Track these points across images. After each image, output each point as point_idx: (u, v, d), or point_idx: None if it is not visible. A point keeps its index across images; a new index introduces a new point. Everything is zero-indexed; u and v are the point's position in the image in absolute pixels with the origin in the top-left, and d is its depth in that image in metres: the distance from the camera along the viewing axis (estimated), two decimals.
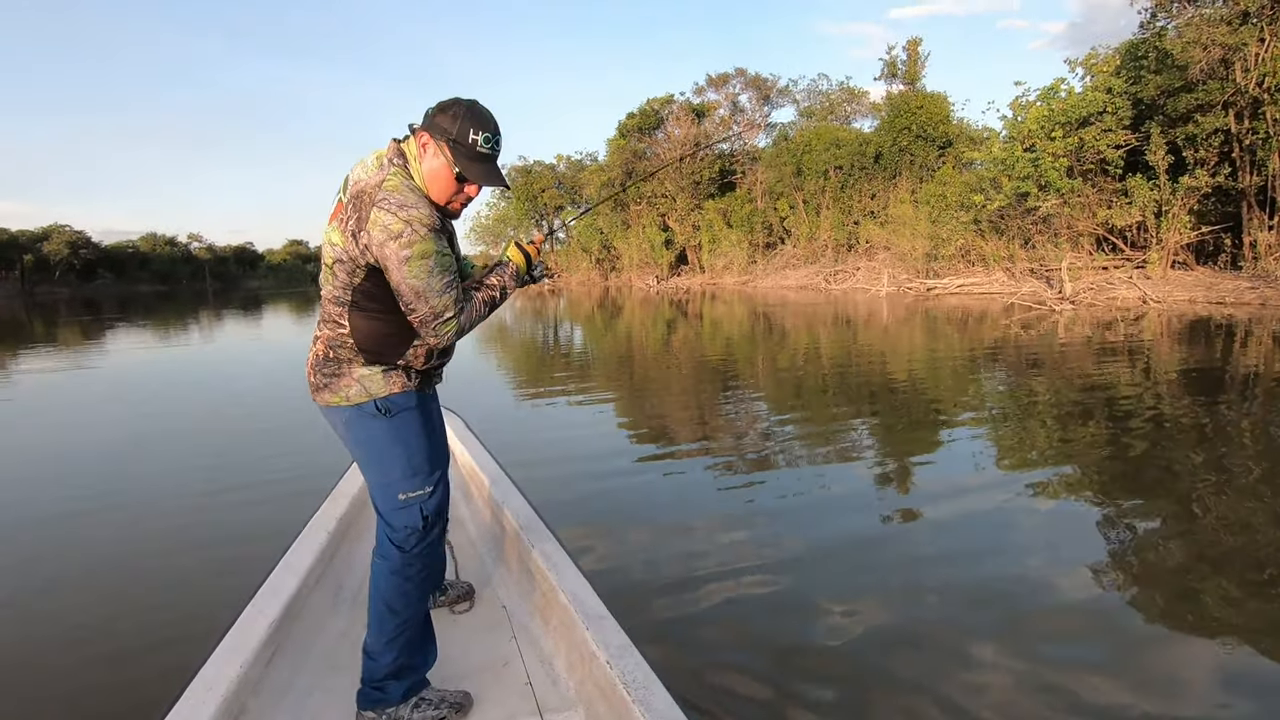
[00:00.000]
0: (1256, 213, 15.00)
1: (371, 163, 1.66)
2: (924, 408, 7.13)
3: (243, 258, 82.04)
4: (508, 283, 1.85)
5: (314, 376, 1.77)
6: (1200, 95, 14.90)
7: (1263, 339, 10.17)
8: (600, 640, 1.79)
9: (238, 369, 11.90)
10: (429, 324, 1.65)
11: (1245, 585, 3.16)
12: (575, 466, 5.39)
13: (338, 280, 1.66)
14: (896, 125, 26.65)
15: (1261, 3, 13.53)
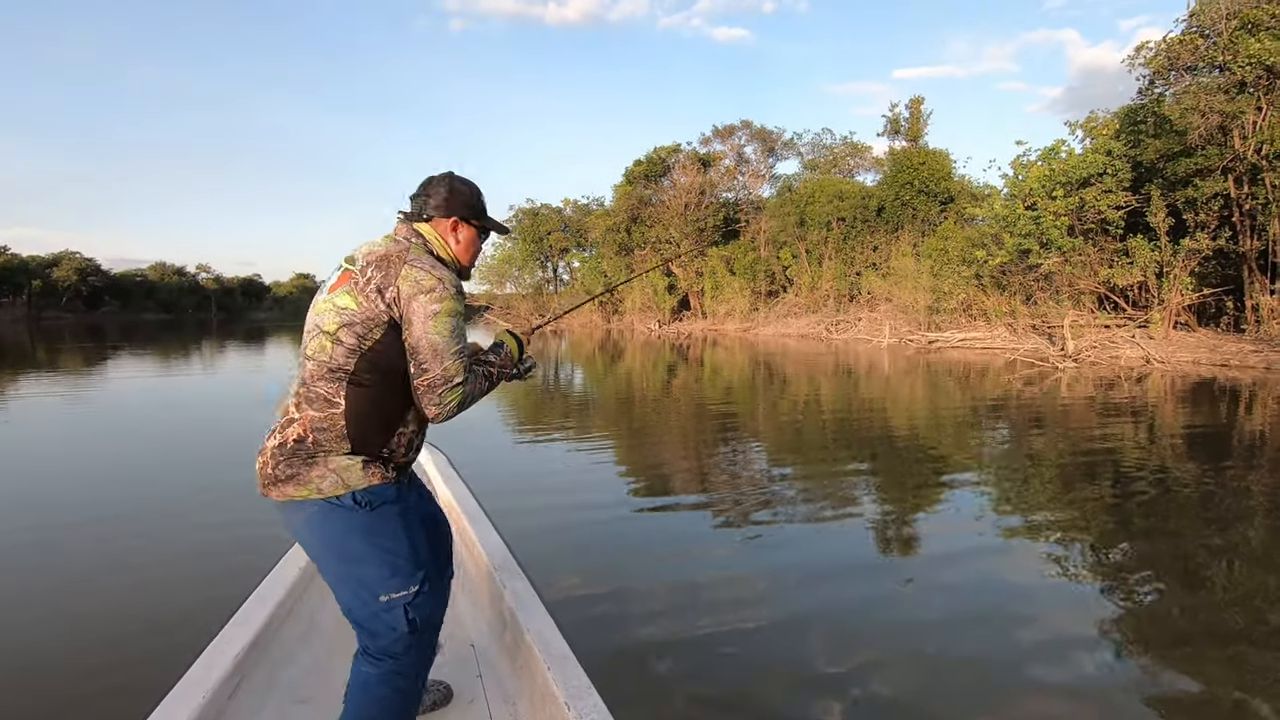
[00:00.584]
0: (1258, 276, 15.06)
1: (382, 242, 1.71)
2: (925, 463, 7.04)
3: (249, 289, 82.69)
4: (503, 362, 1.86)
5: (275, 467, 1.62)
6: (1199, 160, 15.12)
7: (1267, 402, 10.07)
8: (561, 680, 1.81)
9: (226, 398, 11.94)
10: (437, 388, 1.59)
11: (1246, 662, 3.07)
12: (566, 509, 5.33)
13: (341, 348, 1.59)
14: (899, 180, 27.06)
15: (1258, 73, 13.83)
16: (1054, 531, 4.82)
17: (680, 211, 34.35)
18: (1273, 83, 13.93)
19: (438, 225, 1.76)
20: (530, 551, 3.00)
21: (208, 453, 7.50)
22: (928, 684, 2.89)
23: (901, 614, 3.55)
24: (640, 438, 8.57)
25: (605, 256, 37.58)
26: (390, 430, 1.67)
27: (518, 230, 43.63)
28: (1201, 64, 15.16)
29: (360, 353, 1.59)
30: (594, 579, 3.93)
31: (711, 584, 3.88)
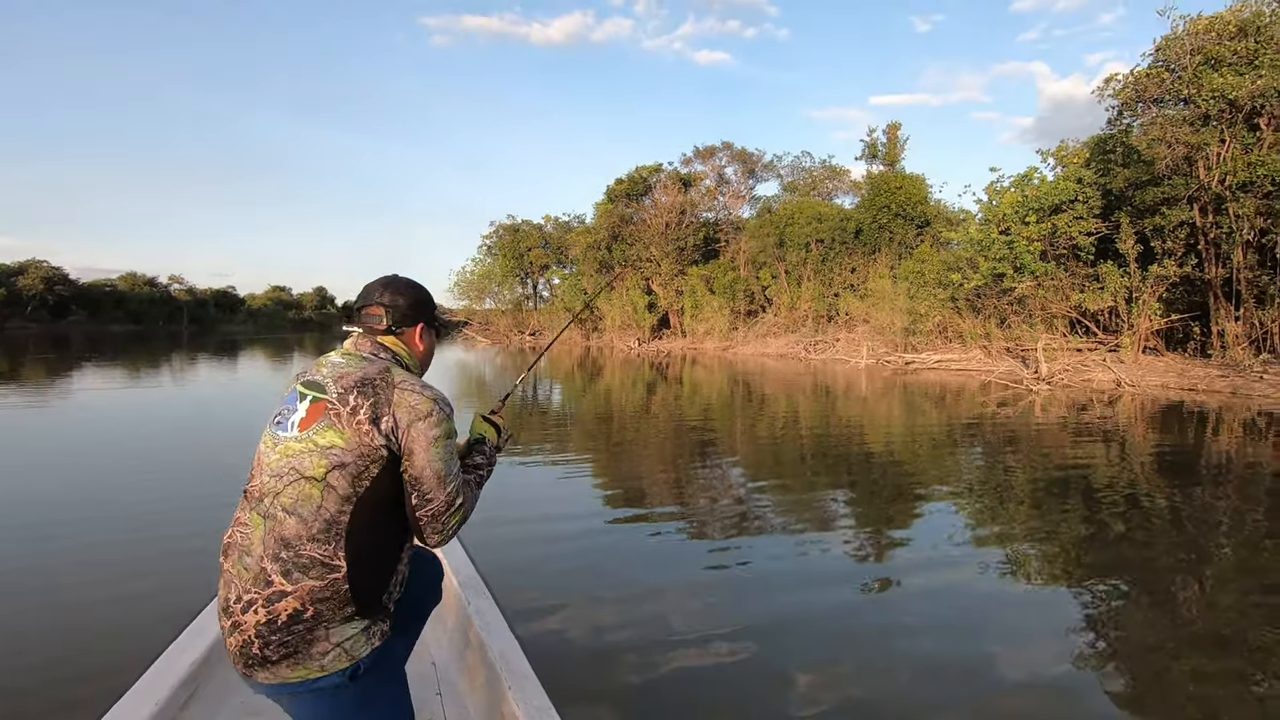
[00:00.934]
0: (1223, 303, 15.44)
1: (344, 361, 1.58)
2: (901, 483, 7.08)
3: (223, 301, 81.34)
4: (490, 459, 1.82)
5: (265, 648, 1.40)
6: (1166, 189, 15.53)
7: (1233, 426, 10.27)
8: (521, 700, 1.79)
9: (198, 408, 11.58)
10: (440, 516, 1.51)
11: (1211, 675, 3.15)
12: (538, 527, 5.31)
13: (334, 495, 1.42)
14: (877, 203, 27.48)
15: (1221, 106, 14.28)
16: (1027, 551, 4.85)
17: (661, 230, 34.54)
18: (1235, 116, 14.39)
19: (405, 335, 1.68)
20: (499, 569, 3.04)
21: (170, 464, 7.32)
22: (901, 701, 2.89)
23: (875, 632, 3.56)
24: (617, 456, 8.51)
25: (586, 274, 37.59)
26: (390, 573, 1.53)
27: (497, 246, 43.55)
28: (1167, 96, 15.63)
29: (357, 498, 1.43)
30: (562, 598, 3.89)
31: (683, 605, 3.85)
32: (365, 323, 1.67)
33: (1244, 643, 3.48)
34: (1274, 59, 13.88)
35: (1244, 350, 15.06)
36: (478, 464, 1.76)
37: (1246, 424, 10.39)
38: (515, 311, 44.26)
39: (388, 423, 1.46)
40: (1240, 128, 14.47)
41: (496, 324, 44.11)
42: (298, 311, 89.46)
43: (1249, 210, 14.36)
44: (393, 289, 1.69)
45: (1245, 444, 8.95)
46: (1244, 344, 15.15)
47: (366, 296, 1.69)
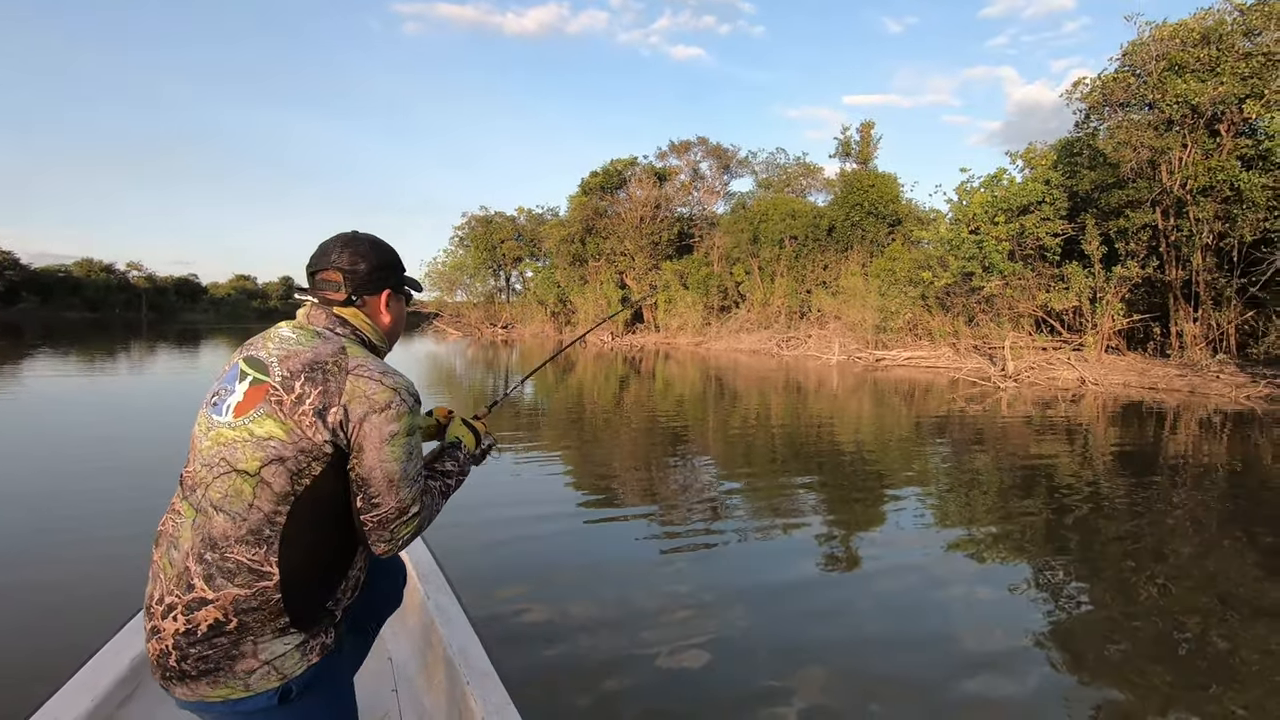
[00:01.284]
0: (1182, 305, 15.83)
1: (295, 336, 1.36)
2: (870, 478, 7.16)
3: (184, 289, 79.20)
4: (463, 467, 1.58)
5: (183, 660, 1.24)
6: (1130, 192, 15.87)
7: (1190, 424, 10.54)
8: (480, 696, 1.75)
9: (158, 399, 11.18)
10: (388, 524, 1.31)
11: (1165, 667, 3.25)
12: (503, 521, 5.27)
13: (268, 493, 1.24)
14: (849, 201, 27.68)
15: (1184, 111, 14.62)
16: (992, 545, 4.96)
17: (635, 224, 34.41)
18: (1196, 121, 14.74)
19: (368, 305, 1.45)
20: (461, 563, 3.00)
21: (123, 454, 7.07)
22: (866, 695, 2.94)
23: (842, 626, 3.61)
24: (588, 450, 8.46)
25: (559, 267, 37.31)
26: (336, 580, 1.35)
27: (470, 237, 42.99)
28: (1133, 101, 15.96)
29: (295, 497, 1.25)
30: (526, 593, 3.86)
31: (647, 599, 3.85)
32: (320, 290, 1.43)
33: (1192, 628, 3.62)
34: (1234, 67, 14.24)
35: (1201, 350, 15.47)
36: (446, 470, 1.52)
37: (1203, 422, 10.66)
38: (487, 304, 43.76)
39: (336, 415, 1.26)
40: (1201, 133, 14.83)
41: (468, 316, 43.57)
42: (263, 301, 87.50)
43: (1208, 214, 14.73)
44: (352, 249, 1.43)
45: (1201, 442, 9.20)
46: (1201, 344, 15.57)
47: (321, 258, 1.43)
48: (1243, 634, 3.57)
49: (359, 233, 1.48)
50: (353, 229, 1.50)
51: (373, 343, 1.44)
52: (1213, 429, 10.11)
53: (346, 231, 1.48)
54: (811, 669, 3.13)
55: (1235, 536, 5.27)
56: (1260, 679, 3.14)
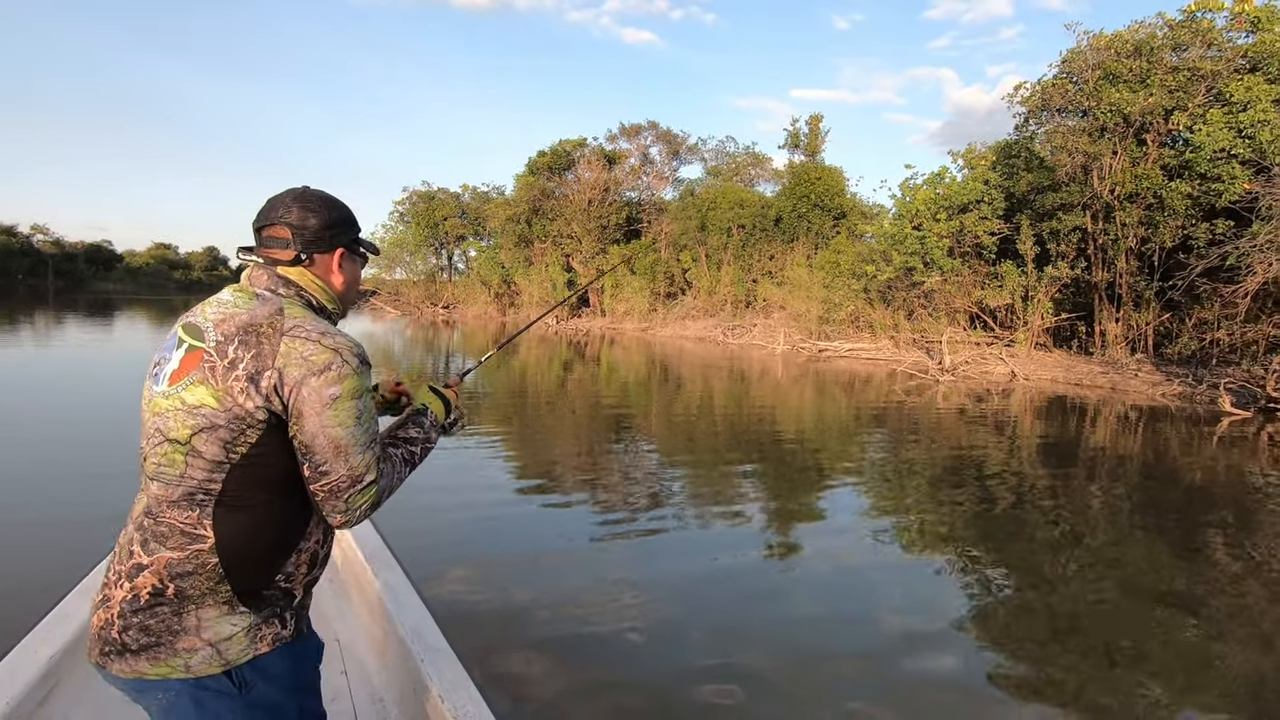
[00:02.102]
0: (1106, 305, 16.62)
1: (234, 300, 1.27)
2: (809, 465, 7.35)
3: (96, 256, 74.08)
4: (429, 434, 1.47)
5: (124, 631, 1.17)
6: (1063, 195, 16.50)
7: (1110, 419, 11.10)
8: (435, 674, 1.73)
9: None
10: (341, 494, 1.21)
11: (1077, 648, 3.43)
12: (448, 505, 5.20)
13: (200, 462, 1.17)
14: (797, 192, 27.99)
15: (1116, 120, 15.25)
16: (921, 531, 5.21)
17: (583, 207, 33.96)
18: (1127, 130, 15.41)
19: (318, 265, 1.34)
20: (407, 546, 2.88)
21: (34, 432, 6.57)
22: (800, 671, 3.07)
23: (777, 608, 3.75)
24: (530, 433, 8.39)
25: (504, 247, 36.55)
26: (287, 551, 1.26)
27: (410, 213, 41.63)
28: (1070, 107, 16.57)
29: (230, 465, 1.18)
30: (472, 573, 3.91)
31: (594, 574, 4.00)
32: (267, 248, 1.32)
33: (1104, 611, 3.87)
34: (1163, 79, 14.92)
35: (1121, 349, 16.29)
36: (409, 438, 1.41)
37: (1122, 417, 11.24)
38: (428, 283, 42.53)
39: (270, 379, 1.17)
40: (1130, 142, 15.51)
41: (407, 295, 42.27)
42: (185, 272, 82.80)
43: (1133, 219, 15.46)
44: (303, 204, 1.32)
45: (1119, 436, 9.76)
46: (1122, 344, 16.39)
47: (269, 213, 1.32)
48: (1148, 617, 3.82)
49: (310, 188, 1.37)
50: (305, 185, 1.39)
51: (322, 304, 1.34)
52: (1130, 424, 10.65)
53: (297, 186, 1.36)
54: (748, 647, 3.24)
55: (1146, 525, 5.66)
56: (1161, 660, 3.36)
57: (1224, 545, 5.16)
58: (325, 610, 2.44)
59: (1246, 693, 3.12)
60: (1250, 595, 4.23)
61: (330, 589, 2.58)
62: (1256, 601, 4.13)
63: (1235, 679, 3.25)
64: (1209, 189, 14.00)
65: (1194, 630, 3.70)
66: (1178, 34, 15.36)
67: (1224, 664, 3.38)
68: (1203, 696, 3.07)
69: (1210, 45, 15.02)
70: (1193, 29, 15.15)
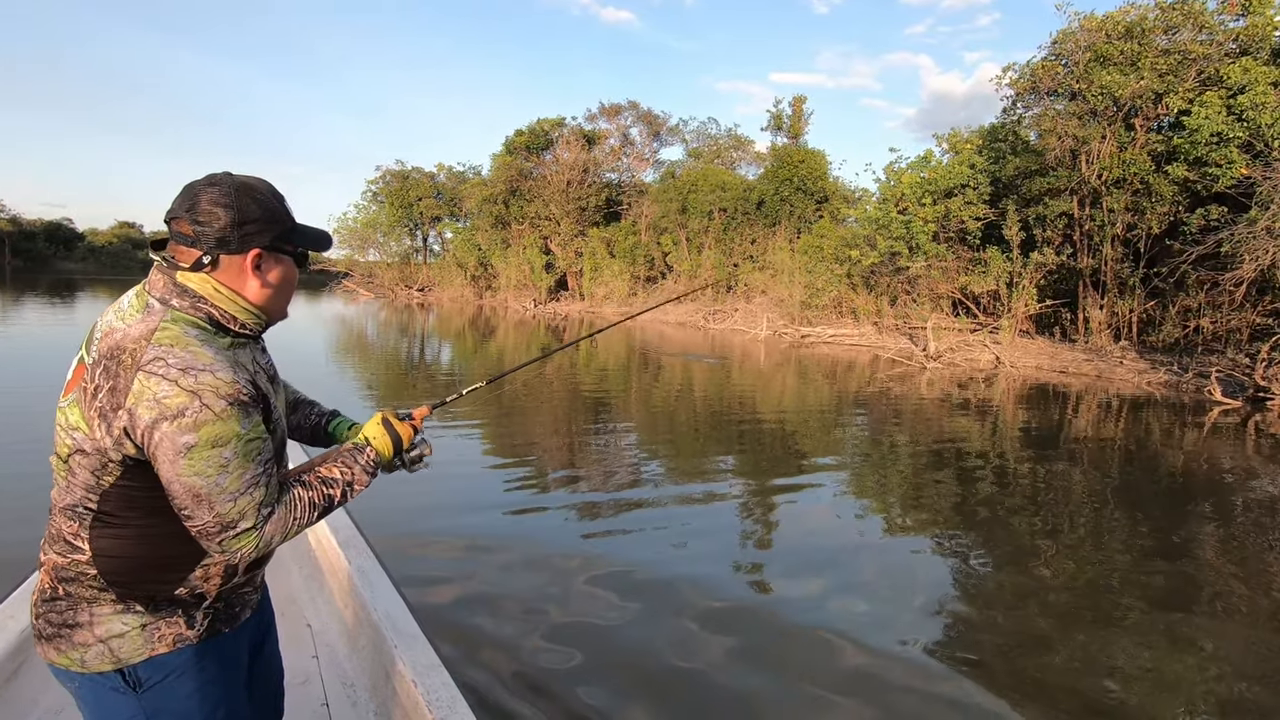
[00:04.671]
0: (1091, 292, 16.48)
1: (130, 304, 1.15)
2: (790, 450, 7.29)
3: (56, 235, 71.50)
4: (357, 476, 1.30)
5: (37, 619, 1.19)
6: (1051, 180, 16.27)
7: (1094, 407, 10.97)
8: (408, 659, 1.73)
9: None
10: (212, 538, 1.11)
11: (1051, 637, 3.41)
12: (427, 487, 5.12)
13: (76, 481, 1.13)
14: (779, 176, 27.56)
15: (1106, 103, 15.00)
16: (902, 515, 5.28)
17: (562, 188, 33.21)
18: (1116, 114, 15.17)
19: (226, 269, 1.16)
20: (380, 531, 2.85)
21: None
22: (779, 650, 3.12)
23: (756, 589, 3.82)
24: (506, 419, 8.20)
25: (480, 229, 35.71)
26: (186, 567, 1.18)
27: (384, 193, 40.53)
28: (1060, 89, 16.29)
29: (102, 490, 1.12)
30: (446, 558, 3.92)
31: (569, 561, 4.00)
32: (173, 245, 1.17)
33: (1078, 591, 3.94)
34: (1153, 62, 14.68)
35: (1106, 337, 16.18)
36: (329, 478, 1.25)
37: (1105, 405, 11.09)
38: (403, 265, 41.51)
39: (121, 420, 1.07)
40: (1119, 125, 15.29)
41: (381, 277, 41.24)
42: (150, 252, 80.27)
43: (1120, 205, 15.28)
44: (210, 196, 1.13)
45: (1103, 422, 9.67)
46: (1106, 331, 16.28)
47: (177, 204, 1.16)
48: (1123, 604, 3.81)
49: (228, 174, 1.17)
50: (225, 170, 1.19)
51: (230, 316, 1.16)
52: (1115, 412, 10.50)
53: (215, 172, 1.18)
54: (724, 628, 3.28)
55: (1128, 513, 5.59)
56: (1135, 650, 3.32)
57: (1207, 535, 5.13)
58: (297, 595, 2.47)
59: (1222, 687, 3.09)
60: (1232, 584, 4.21)
61: (302, 574, 2.58)
62: (1237, 590, 4.12)
63: (1211, 671, 3.21)
64: (1204, 174, 13.80)
65: (1173, 620, 3.66)
66: (1169, 16, 15.10)
67: (1201, 655, 3.33)
68: (1175, 691, 3.03)
69: (1202, 28, 14.79)
70: (1184, 11, 14.90)
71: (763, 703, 2.75)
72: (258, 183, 1.19)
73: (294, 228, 1.22)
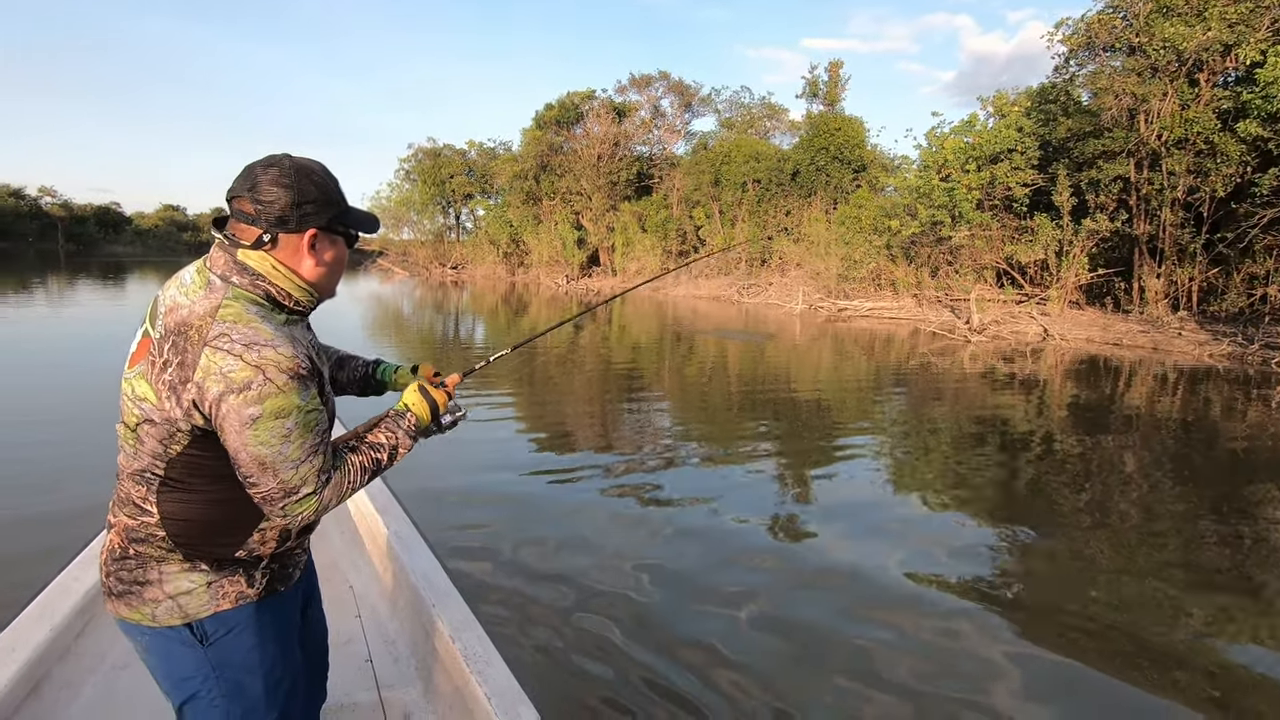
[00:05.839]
0: (1147, 260, 15.65)
1: (192, 280, 1.20)
2: (829, 424, 7.17)
3: (105, 219, 73.62)
4: (401, 440, 1.38)
5: (108, 577, 1.25)
6: (1106, 142, 15.39)
7: (1150, 381, 10.43)
8: (445, 617, 1.80)
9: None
10: (275, 503, 1.18)
11: (1101, 626, 3.18)
12: (461, 456, 5.23)
13: (144, 449, 1.19)
14: (815, 144, 26.76)
15: (1169, 57, 14.07)
16: (941, 492, 5.04)
17: (592, 162, 32.83)
18: (1179, 69, 14.23)
19: (284, 247, 1.22)
20: (415, 498, 2.97)
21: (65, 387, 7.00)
22: (808, 628, 3.03)
23: (786, 563, 3.68)
24: (540, 394, 8.24)
25: (511, 205, 35.60)
26: (243, 529, 1.26)
27: (416, 171, 40.63)
28: (1117, 44, 15.32)
29: (168, 458, 1.19)
30: (482, 524, 3.98)
31: (601, 529, 3.99)
32: (234, 223, 1.22)
33: (1128, 578, 3.68)
34: (1223, 11, 13.68)
35: (1163, 306, 15.38)
36: (376, 443, 1.33)
37: (1161, 378, 10.58)
38: (436, 243, 41.73)
39: (190, 393, 1.13)
40: (1182, 81, 14.34)
41: (415, 255, 41.56)
42: (194, 234, 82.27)
43: (1181, 167, 14.39)
44: (271, 176, 1.20)
45: (1159, 397, 9.17)
46: (1163, 300, 15.47)
47: (239, 183, 1.21)
48: (1177, 591, 3.56)
49: (287, 156, 1.23)
50: (284, 152, 1.24)
51: (286, 293, 1.23)
52: (1173, 386, 9.98)
53: (275, 154, 1.23)
54: (755, 600, 3.23)
55: (1185, 494, 5.25)
56: (1193, 643, 3.08)
57: (1272, 517, 4.76)
58: (339, 560, 2.55)
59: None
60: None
61: (343, 540, 2.67)
62: None
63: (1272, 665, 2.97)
64: (1277, 131, 12.86)
65: (1233, 608, 3.41)
66: None
67: (1264, 649, 3.06)
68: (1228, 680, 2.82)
69: None
70: None
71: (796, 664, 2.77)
72: (314, 165, 1.25)
73: (347, 209, 1.28)
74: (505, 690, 1.55)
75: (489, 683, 1.57)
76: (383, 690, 1.87)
